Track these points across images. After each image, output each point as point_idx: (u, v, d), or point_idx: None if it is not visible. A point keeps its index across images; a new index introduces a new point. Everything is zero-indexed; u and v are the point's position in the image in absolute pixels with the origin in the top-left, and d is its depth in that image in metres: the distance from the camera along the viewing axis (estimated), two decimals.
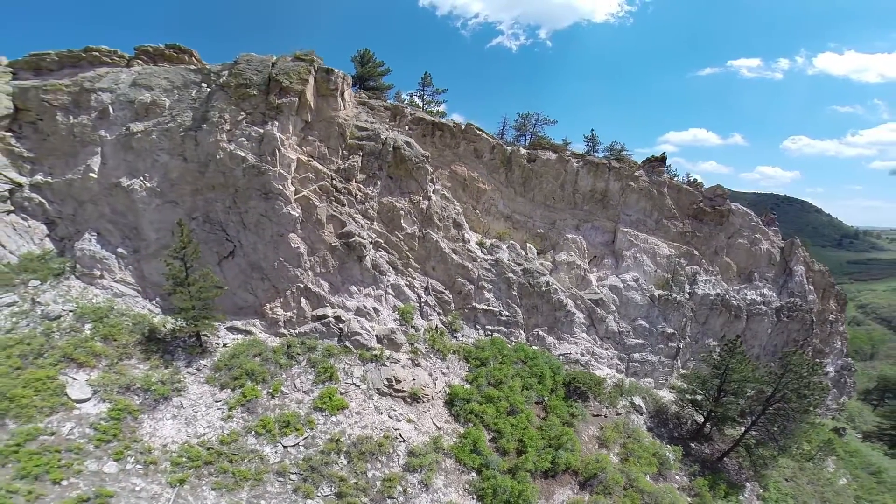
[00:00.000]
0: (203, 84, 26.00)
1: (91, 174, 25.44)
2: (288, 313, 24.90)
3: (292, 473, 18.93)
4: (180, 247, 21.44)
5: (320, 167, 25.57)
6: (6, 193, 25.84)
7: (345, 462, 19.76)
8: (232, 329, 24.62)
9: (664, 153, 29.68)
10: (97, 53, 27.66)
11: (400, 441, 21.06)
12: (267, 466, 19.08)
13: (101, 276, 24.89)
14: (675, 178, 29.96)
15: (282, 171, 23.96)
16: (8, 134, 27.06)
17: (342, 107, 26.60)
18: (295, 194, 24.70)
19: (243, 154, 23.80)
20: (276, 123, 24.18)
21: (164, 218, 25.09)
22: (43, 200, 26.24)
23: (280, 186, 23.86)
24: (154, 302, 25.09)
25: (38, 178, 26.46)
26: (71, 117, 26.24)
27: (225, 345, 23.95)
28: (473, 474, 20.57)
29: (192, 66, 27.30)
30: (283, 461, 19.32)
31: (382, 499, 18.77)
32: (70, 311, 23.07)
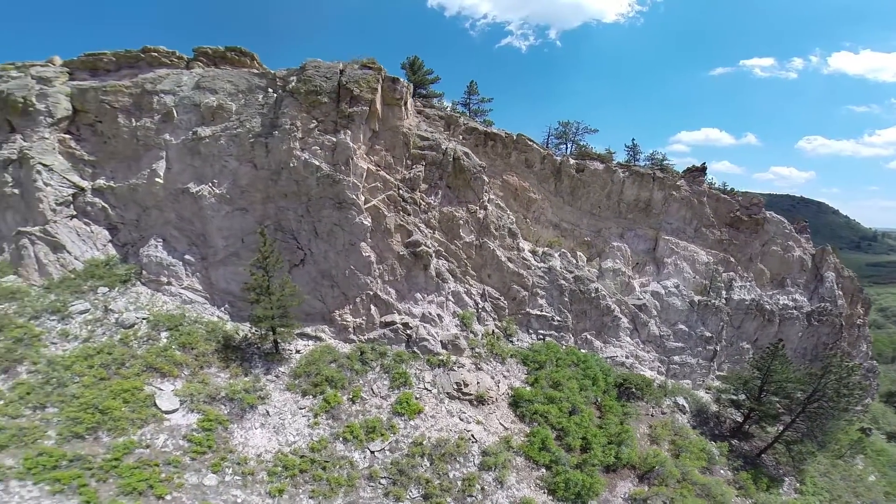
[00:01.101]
0: (269, 89, 26.14)
1: (157, 179, 25.47)
2: (357, 320, 25.72)
3: (382, 478, 19.90)
4: (263, 256, 21.95)
5: (387, 176, 26.21)
6: (69, 198, 25.66)
7: (427, 464, 20.83)
8: (302, 335, 25.32)
9: (704, 163, 31.37)
10: (156, 54, 27.40)
11: (473, 442, 22.31)
12: (357, 472, 19.97)
13: (169, 283, 25.17)
14: (713, 187, 31.69)
15: (354, 181, 24.54)
16: (67, 136, 26.75)
17: (405, 116, 27.17)
18: (364, 203, 25.32)
19: (317, 163, 24.25)
20: (349, 132, 24.64)
21: (234, 225, 25.41)
22: (105, 205, 26.17)
23: (353, 196, 24.46)
24: (223, 309, 25.54)
25: (101, 182, 26.31)
26: (133, 120, 26.08)
27: (298, 351, 24.68)
28: (543, 470, 21.98)
29: (255, 70, 27.37)
30: (372, 466, 20.30)
31: (464, 497, 19.95)
32: (144, 319, 23.44)
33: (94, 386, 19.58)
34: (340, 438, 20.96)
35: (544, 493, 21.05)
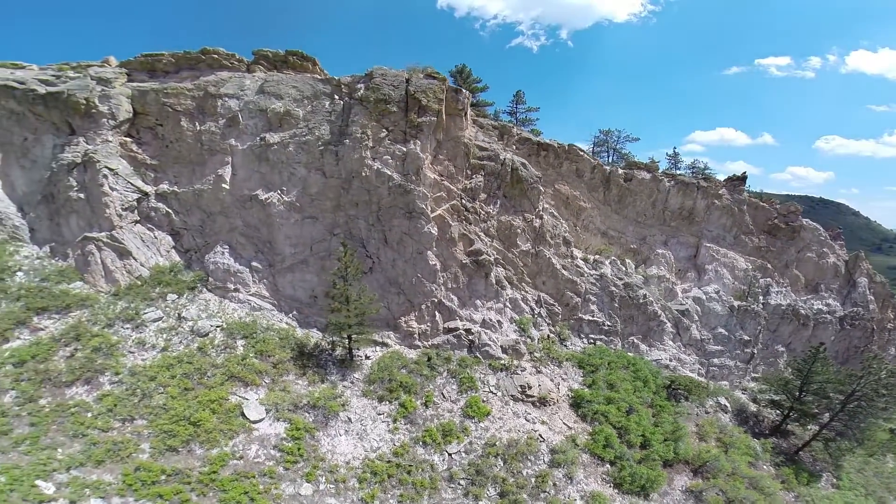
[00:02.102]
0: (335, 96, 26.15)
1: (223, 185, 25.43)
2: (422, 326, 26.34)
3: (461, 478, 20.74)
4: (344, 266, 22.33)
5: (450, 186, 26.69)
6: (134, 203, 25.43)
7: (501, 464, 21.75)
8: (356, 341, 25.76)
9: (744, 172, 32.73)
10: (216, 56, 27.15)
11: (541, 441, 23.32)
12: (438, 474, 20.76)
13: (236, 290, 25.31)
14: (752, 194, 33.07)
15: (424, 191, 24.98)
16: (128, 139, 26.36)
17: (466, 126, 27.59)
18: (431, 213, 25.76)
19: (389, 172, 24.56)
20: (418, 142, 24.98)
21: (303, 233, 25.59)
22: (169, 210, 26.03)
23: (423, 206, 24.91)
24: (290, 315, 25.82)
25: (164, 186, 26.10)
26: (197, 124, 25.88)
27: (368, 357, 25.22)
28: (608, 466, 23.11)
29: (318, 76, 27.30)
30: (451, 468, 21.10)
31: (538, 493, 20.95)
32: (218, 327, 23.63)
33: (180, 397, 19.84)
34: (420, 442, 21.69)
35: (610, 486, 22.23)
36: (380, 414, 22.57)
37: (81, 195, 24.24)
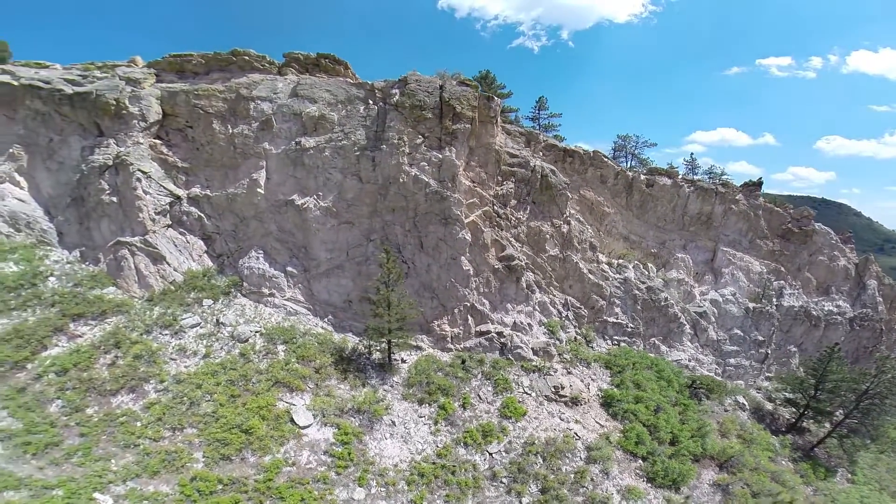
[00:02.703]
0: (369, 101, 26.15)
1: (258, 189, 25.26)
2: (455, 329, 26.63)
3: (503, 477, 21.23)
4: (387, 272, 22.46)
5: (483, 193, 27.01)
6: (167, 206, 25.05)
7: (541, 461, 22.24)
8: (394, 345, 25.99)
9: (760, 178, 33.79)
10: (247, 58, 26.92)
11: (576, 439, 23.91)
12: (480, 473, 21.22)
13: (272, 295, 25.22)
14: (768, 200, 34.20)
15: (459, 197, 25.23)
16: (158, 141, 25.89)
17: (497, 133, 27.90)
18: (465, 219, 26.01)
19: (426, 179, 24.73)
20: (453, 149, 25.23)
21: (340, 238, 25.60)
22: (201, 215, 25.76)
23: (458, 212, 25.18)
24: (326, 320, 25.84)
25: (196, 190, 25.79)
26: (229, 127, 25.59)
27: (403, 360, 25.40)
28: (641, 461, 23.86)
29: (350, 80, 27.25)
30: (493, 467, 21.56)
31: (577, 488, 21.48)
32: (257, 332, 23.53)
33: (228, 404, 19.79)
34: (461, 443, 22.07)
35: (643, 480, 23.00)
36: (421, 416, 22.84)
37: (114, 199, 23.82)
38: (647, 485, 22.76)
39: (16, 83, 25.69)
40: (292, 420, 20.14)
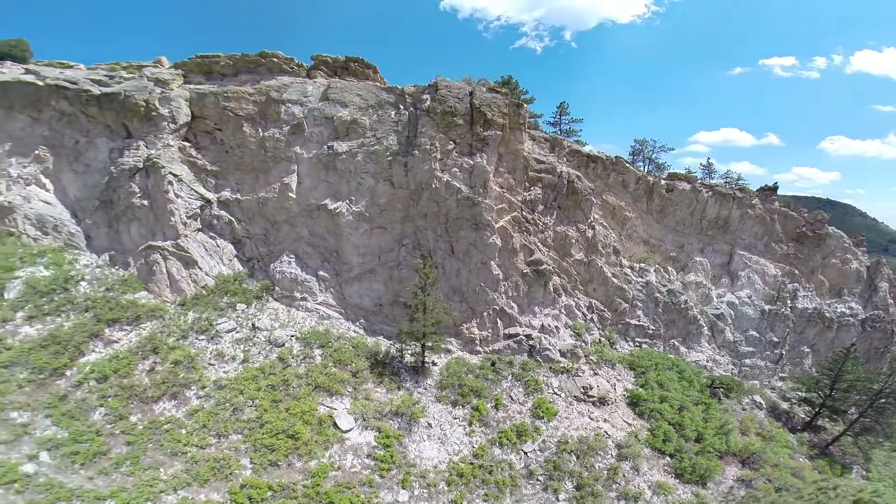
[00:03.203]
0: (399, 106, 26.16)
1: (290, 194, 25.16)
2: (483, 332, 26.86)
3: (539, 475, 21.62)
4: (424, 277, 22.59)
5: (511, 198, 27.24)
6: (197, 210, 24.80)
7: (575, 459, 22.65)
8: (428, 348, 26.14)
9: (776, 183, 34.55)
10: (276, 60, 26.77)
11: (607, 437, 24.37)
12: (517, 472, 21.58)
13: (304, 299, 25.19)
14: (783, 203, 34.98)
15: (490, 203, 25.42)
16: (187, 144, 25.59)
17: (525, 140, 28.12)
18: (495, 224, 26.19)
19: (458, 185, 24.86)
20: (484, 155, 25.39)
21: (372, 243, 25.61)
22: (232, 219, 25.59)
23: (489, 218, 25.38)
24: (357, 324, 25.88)
25: (226, 194, 25.60)
26: (260, 130, 25.39)
27: (434, 363, 25.56)
28: (668, 458, 24.40)
29: (380, 84, 27.23)
30: (529, 465, 21.93)
31: (610, 484, 21.93)
32: (292, 337, 23.48)
33: (272, 409, 19.77)
34: (497, 443, 22.38)
35: (672, 476, 23.58)
36: (455, 418, 23.07)
37: (144, 202, 23.53)
38: (675, 480, 23.38)
39: (41, 83, 25.25)
40: (335, 424, 20.21)
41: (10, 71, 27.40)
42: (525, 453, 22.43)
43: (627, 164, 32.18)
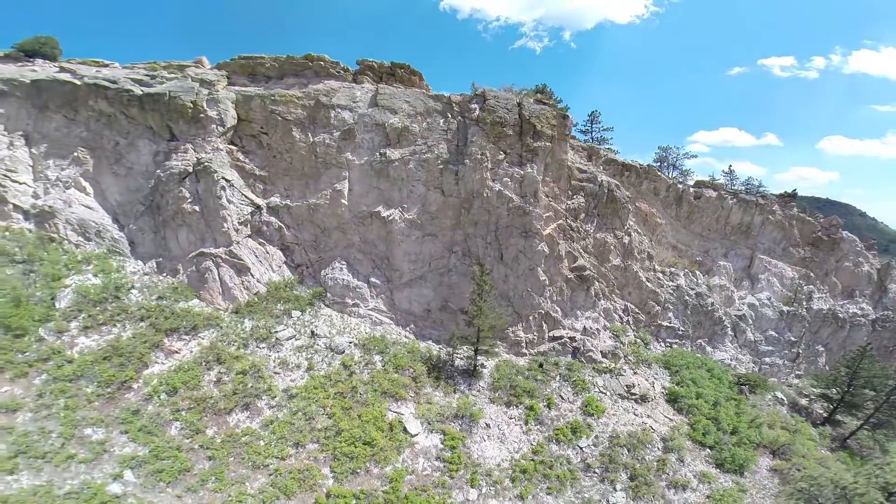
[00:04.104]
0: (447, 114, 26.20)
1: (342, 200, 24.99)
2: (528, 335, 27.37)
3: (596, 468, 22.51)
4: (480, 284, 22.87)
5: (557, 206, 27.77)
6: (248, 216, 24.30)
7: (627, 452, 23.57)
8: (480, 352, 26.49)
9: (795, 190, 36.11)
10: (322, 63, 26.46)
11: (652, 431, 25.32)
12: (574, 466, 22.45)
13: (355, 305, 25.14)
14: (800, 210, 36.64)
15: (539, 212, 25.85)
16: (233, 148, 24.97)
17: (568, 150, 28.61)
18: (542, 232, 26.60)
19: (509, 194, 25.16)
20: (534, 166, 25.77)
21: (423, 250, 25.69)
22: (281, 225, 25.22)
23: (538, 226, 25.77)
24: (408, 329, 25.99)
25: (275, 200, 25.21)
26: (310, 135, 24.99)
27: (483, 365, 25.91)
28: (709, 450, 25.62)
29: (426, 91, 27.17)
30: (586, 459, 22.80)
31: (661, 474, 22.99)
32: (351, 343, 23.39)
33: (344, 417, 19.84)
34: (553, 440, 23.13)
35: (713, 466, 24.83)
36: (511, 418, 23.63)
37: (196, 207, 22.97)
38: (716, 470, 24.68)
39: (78, 82, 24.32)
40: (405, 429, 20.43)
41: (42, 69, 26.25)
42: (581, 448, 23.31)
43: (659, 173, 33.12)
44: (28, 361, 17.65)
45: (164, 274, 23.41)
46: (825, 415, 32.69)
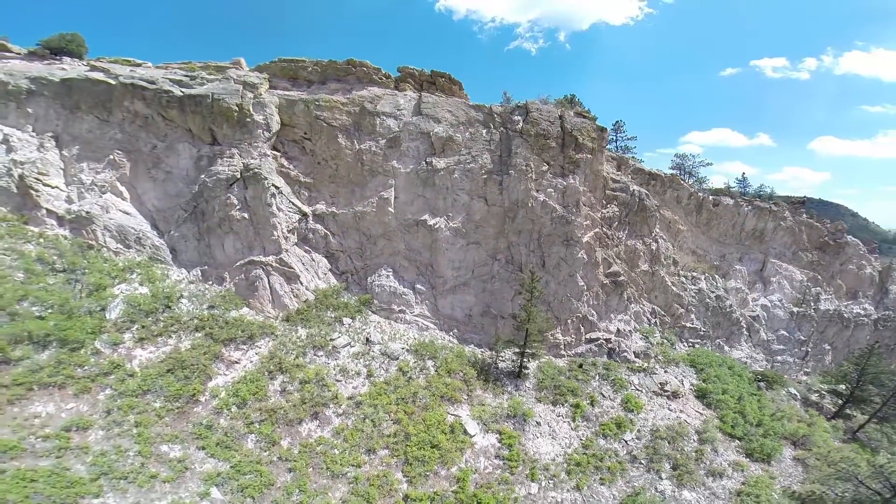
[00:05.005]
0: (490, 125, 26.40)
1: (389, 208, 24.96)
2: (566, 338, 28.08)
3: (642, 459, 23.51)
4: (529, 293, 23.34)
5: (594, 215, 28.46)
6: (295, 224, 23.92)
7: (667, 444, 24.63)
8: (518, 354, 26.99)
9: (805, 197, 37.96)
10: (365, 69, 26.23)
11: (687, 424, 26.47)
12: (622, 458, 23.44)
13: (402, 311, 25.24)
14: (811, 216, 38.58)
15: (580, 221, 26.44)
16: (277, 153, 24.48)
17: (604, 161, 29.34)
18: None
19: (553, 204, 25.69)
20: (576, 177, 26.36)
21: (467, 257, 25.93)
22: (327, 232, 24.96)
23: (579, 234, 26.39)
24: (451, 334, 26.27)
25: (321, 207, 24.91)
26: (355, 142, 24.76)
27: (525, 367, 26.46)
28: (738, 441, 26.96)
29: (467, 101, 27.31)
30: (632, 451, 23.81)
31: (699, 464, 24.15)
32: (404, 349, 23.44)
33: (409, 422, 20.03)
34: (600, 435, 24.05)
35: (743, 455, 26.21)
36: (559, 416, 24.37)
37: (245, 215, 22.51)
38: (746, 459, 26.08)
39: (113, 82, 23.49)
40: (465, 431, 20.83)
41: (72, 67, 25.20)
42: (626, 441, 24.38)
43: (682, 182, 34.30)
44: (89, 376, 17.11)
45: (210, 282, 22.92)
46: (834, 409, 34.72)
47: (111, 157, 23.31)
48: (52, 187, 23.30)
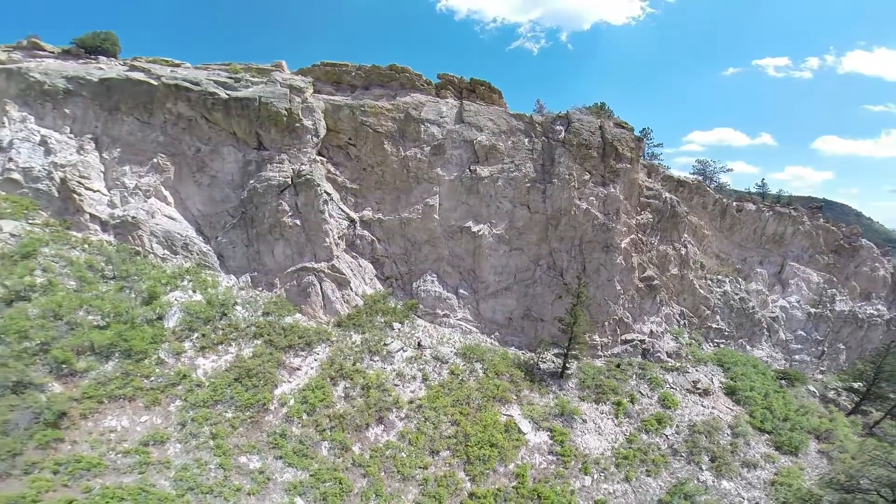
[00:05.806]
0: (531, 134, 26.62)
1: (434, 215, 25.20)
2: (603, 339, 28.73)
3: (682, 452, 24.39)
4: (576, 297, 23.84)
5: (630, 222, 29.04)
6: (345, 230, 23.90)
7: (705, 438, 25.52)
8: (558, 355, 27.52)
9: (822, 202, 39.04)
10: (408, 75, 26.20)
11: (721, 420, 27.32)
12: (664, 451, 24.30)
13: (445, 316, 25.53)
14: (827, 220, 39.71)
15: (620, 228, 26.95)
16: (323, 159, 24.36)
17: (639, 170, 29.84)
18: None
19: (595, 212, 26.13)
20: (617, 186, 26.86)
21: (509, 263, 26.32)
22: (374, 238, 25.03)
23: (619, 241, 26.90)
24: (493, 337, 26.64)
25: (367, 213, 24.92)
26: (401, 149, 24.77)
27: (567, 368, 26.99)
28: (767, 435, 27.95)
29: (506, 110, 27.58)
30: (673, 445, 24.67)
31: (734, 456, 25.07)
32: (453, 353, 23.76)
33: (466, 423, 20.47)
34: (643, 430, 24.87)
35: (773, 448, 27.20)
36: (602, 413, 25.10)
37: (297, 221, 22.41)
38: (775, 451, 27.05)
39: (155, 83, 23.14)
40: (519, 429, 21.33)
41: (110, 67, 24.76)
42: (667, 436, 25.28)
43: (708, 188, 35.05)
44: (157, 387, 17.05)
45: (260, 288, 22.87)
46: (851, 406, 35.98)
47: (154, 160, 23.01)
48: (94, 191, 22.97)
